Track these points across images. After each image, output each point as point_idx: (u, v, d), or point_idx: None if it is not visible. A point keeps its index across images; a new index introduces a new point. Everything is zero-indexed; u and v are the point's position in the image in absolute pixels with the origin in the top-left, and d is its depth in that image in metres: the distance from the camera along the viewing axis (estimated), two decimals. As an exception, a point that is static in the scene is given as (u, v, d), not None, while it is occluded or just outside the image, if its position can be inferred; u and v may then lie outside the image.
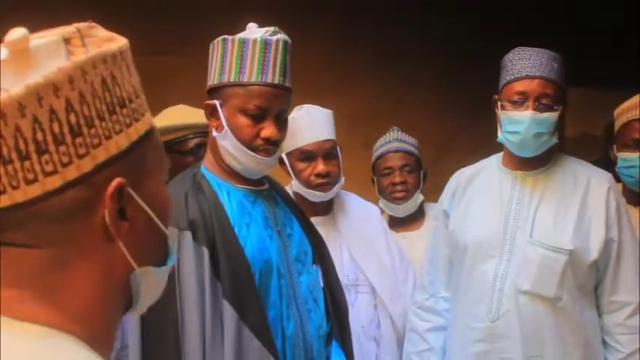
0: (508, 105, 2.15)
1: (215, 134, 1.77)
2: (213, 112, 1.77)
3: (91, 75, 0.72)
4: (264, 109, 1.73)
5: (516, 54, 2.17)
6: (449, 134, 4.38)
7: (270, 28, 1.77)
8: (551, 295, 2.09)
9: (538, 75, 2.11)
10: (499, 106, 2.19)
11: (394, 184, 2.76)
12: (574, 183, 2.19)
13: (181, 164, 2.39)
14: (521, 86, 2.12)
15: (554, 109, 2.13)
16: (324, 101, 2.54)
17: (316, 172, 2.37)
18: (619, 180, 2.60)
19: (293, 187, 2.46)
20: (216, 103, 1.75)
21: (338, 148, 2.46)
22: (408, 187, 2.76)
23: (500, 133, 2.20)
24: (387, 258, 2.52)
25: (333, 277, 1.99)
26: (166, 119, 2.56)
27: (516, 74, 2.13)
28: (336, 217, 2.51)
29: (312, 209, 2.38)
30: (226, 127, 1.74)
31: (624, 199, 2.34)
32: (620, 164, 2.60)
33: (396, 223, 2.83)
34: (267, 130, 1.74)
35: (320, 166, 2.37)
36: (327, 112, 2.46)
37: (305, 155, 2.39)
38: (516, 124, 2.12)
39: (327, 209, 2.50)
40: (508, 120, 2.15)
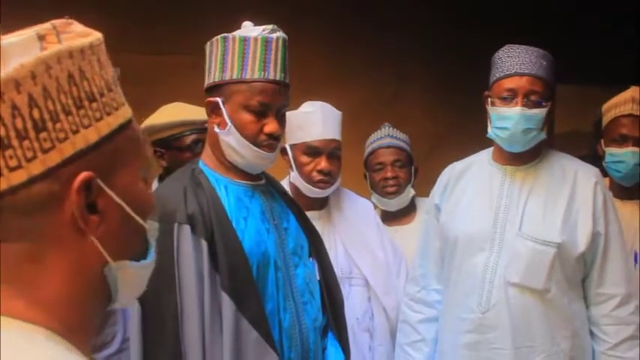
0: (498, 101, 2.16)
1: (218, 131, 1.77)
2: (214, 109, 1.78)
3: (56, 70, 0.72)
4: (266, 105, 1.75)
5: (506, 51, 2.18)
6: (442, 130, 4.38)
7: (268, 26, 1.78)
8: (540, 287, 2.10)
9: (527, 72, 2.12)
10: (489, 103, 2.19)
11: (386, 178, 2.77)
12: (562, 177, 2.19)
13: (179, 160, 2.42)
14: (511, 83, 2.13)
15: (542, 105, 2.14)
16: (319, 97, 2.55)
17: (319, 168, 2.41)
18: (606, 174, 2.61)
19: (291, 179, 2.49)
20: (219, 100, 1.76)
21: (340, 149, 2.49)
22: (399, 182, 2.77)
23: (490, 128, 2.21)
24: (381, 252, 2.54)
25: (328, 270, 2.00)
26: (164, 116, 2.58)
27: (506, 71, 2.14)
28: (331, 212, 2.53)
29: (307, 203, 2.40)
30: (230, 124, 1.75)
31: (611, 193, 2.34)
32: (608, 159, 2.62)
33: (388, 217, 2.84)
34: (270, 126, 1.75)
35: (323, 163, 2.41)
36: (338, 112, 2.49)
37: (311, 150, 2.42)
38: (505, 120, 2.14)
39: (322, 204, 2.53)
40: (497, 116, 2.16)
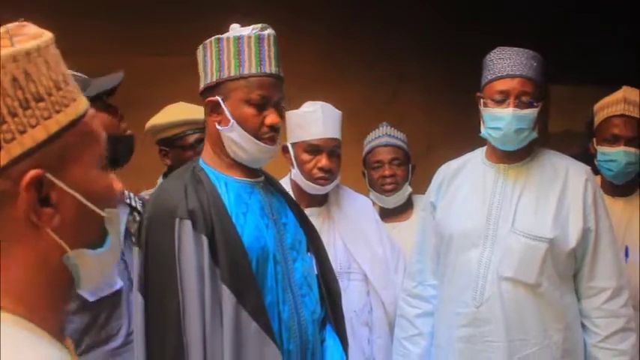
0: (490, 102, 2.20)
1: (220, 128, 1.81)
2: (214, 108, 1.82)
3: None
4: (266, 97, 1.80)
5: (497, 54, 2.21)
6: (440, 129, 4.40)
7: (257, 25, 1.83)
8: (532, 282, 2.14)
9: (518, 74, 2.16)
10: (482, 103, 2.23)
11: (384, 176, 2.81)
12: (553, 175, 2.23)
13: (183, 158, 2.48)
14: (503, 85, 2.17)
15: (533, 105, 2.17)
16: (319, 96, 2.59)
17: (320, 165, 2.46)
18: (598, 172, 2.64)
19: (292, 176, 2.54)
20: (219, 98, 1.81)
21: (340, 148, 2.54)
22: (397, 180, 2.81)
23: (483, 128, 2.24)
24: (379, 248, 2.58)
25: (326, 264, 2.04)
26: (167, 116, 2.64)
27: (497, 73, 2.18)
28: (331, 209, 2.58)
29: (307, 200, 2.47)
30: (232, 120, 1.80)
31: (602, 190, 2.38)
32: (600, 158, 2.65)
33: (386, 214, 2.87)
34: (271, 117, 1.81)
35: (324, 161, 2.46)
36: (338, 112, 2.54)
37: (312, 148, 2.48)
38: (498, 120, 2.17)
39: (322, 201, 2.57)
40: (490, 117, 2.20)
